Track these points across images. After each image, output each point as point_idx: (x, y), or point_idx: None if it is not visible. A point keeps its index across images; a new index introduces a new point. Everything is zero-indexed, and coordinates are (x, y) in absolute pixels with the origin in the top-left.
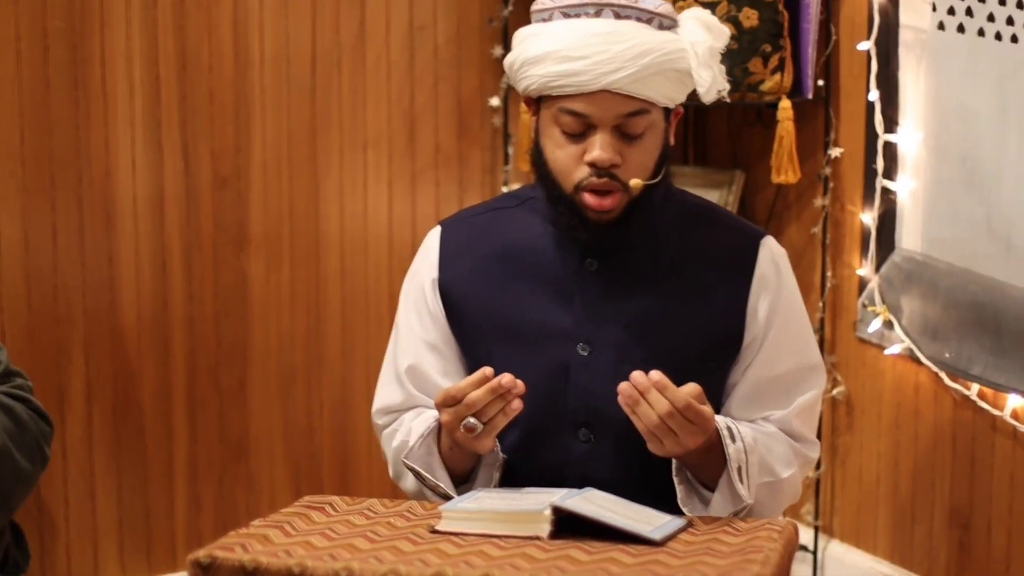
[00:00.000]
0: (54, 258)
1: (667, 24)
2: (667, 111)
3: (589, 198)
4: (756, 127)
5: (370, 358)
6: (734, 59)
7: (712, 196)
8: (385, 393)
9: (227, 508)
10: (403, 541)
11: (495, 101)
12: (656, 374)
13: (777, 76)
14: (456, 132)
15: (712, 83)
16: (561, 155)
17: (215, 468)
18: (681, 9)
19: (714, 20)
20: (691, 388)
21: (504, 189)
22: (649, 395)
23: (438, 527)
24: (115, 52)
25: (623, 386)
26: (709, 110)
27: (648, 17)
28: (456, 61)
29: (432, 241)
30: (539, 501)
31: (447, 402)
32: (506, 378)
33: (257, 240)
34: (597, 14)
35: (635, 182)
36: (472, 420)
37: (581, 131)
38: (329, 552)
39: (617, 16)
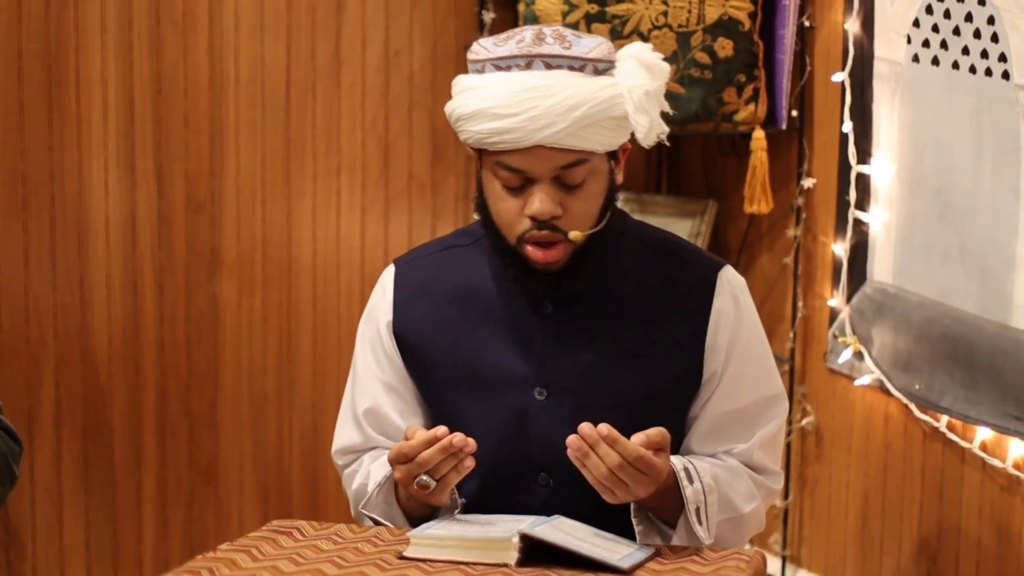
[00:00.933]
0: (25, 280)
1: (603, 68)
2: (611, 153)
3: (533, 251)
4: (730, 157)
5: (341, 384)
6: (708, 88)
7: (685, 225)
8: (344, 435)
9: (195, 532)
10: (371, 567)
11: None
12: (604, 427)
13: (751, 106)
14: (430, 159)
15: (650, 128)
16: (503, 207)
17: (184, 492)
18: (656, 38)
19: (654, 57)
20: (649, 435)
21: (476, 216)
22: (598, 448)
23: (406, 553)
24: (90, 75)
25: (571, 439)
26: (683, 139)
27: (580, 65)
28: (431, 87)
29: (386, 282)
30: (507, 528)
31: (399, 459)
32: (457, 437)
33: (230, 264)
34: (528, 66)
35: (574, 234)
36: (425, 478)
37: (520, 184)
38: None
39: (548, 67)
